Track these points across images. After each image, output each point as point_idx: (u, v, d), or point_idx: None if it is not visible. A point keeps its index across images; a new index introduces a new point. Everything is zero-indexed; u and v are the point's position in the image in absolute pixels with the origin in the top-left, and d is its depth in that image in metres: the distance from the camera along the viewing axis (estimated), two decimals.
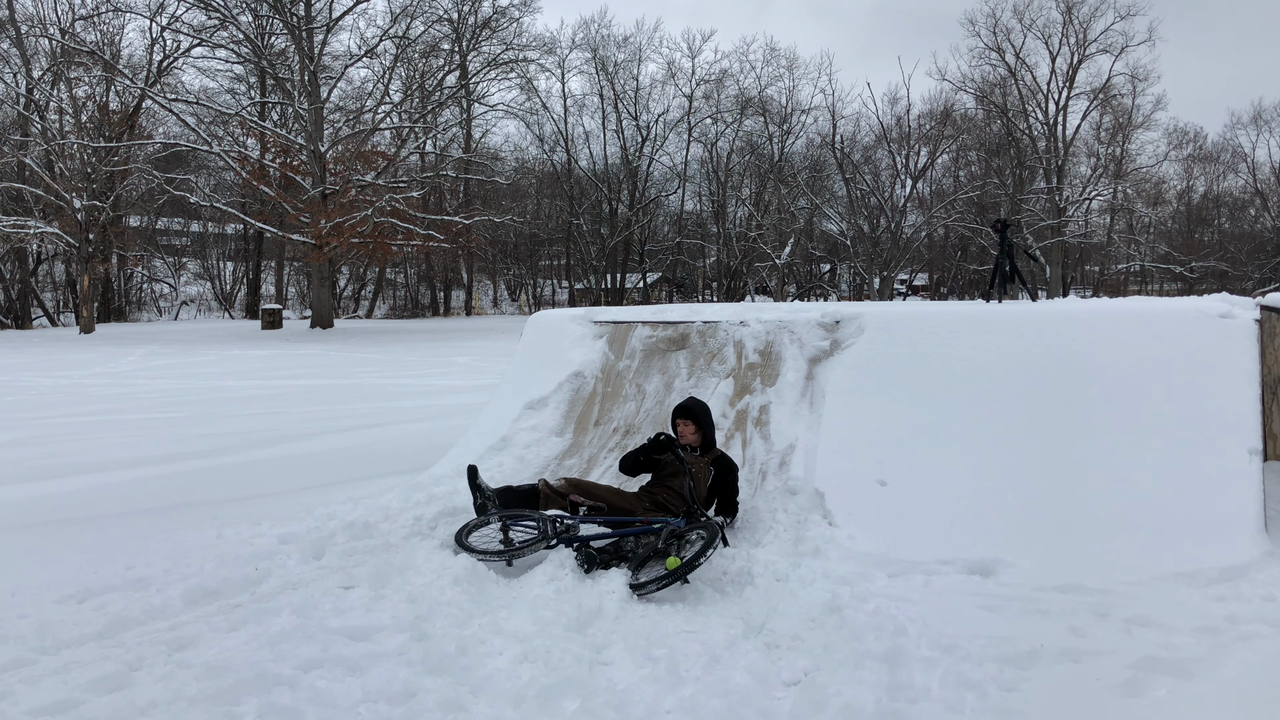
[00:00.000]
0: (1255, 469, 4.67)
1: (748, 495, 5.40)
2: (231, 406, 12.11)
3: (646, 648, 3.68)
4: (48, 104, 35.51)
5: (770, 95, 48.39)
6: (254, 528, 5.32)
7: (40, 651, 3.60)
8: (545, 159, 50.16)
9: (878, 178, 47.05)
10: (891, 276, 45.30)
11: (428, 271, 50.78)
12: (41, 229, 31.27)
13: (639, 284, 51.89)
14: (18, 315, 38.06)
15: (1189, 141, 52.35)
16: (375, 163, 36.03)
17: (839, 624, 3.84)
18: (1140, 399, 5.03)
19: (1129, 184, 48.92)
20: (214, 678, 3.33)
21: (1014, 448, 5.06)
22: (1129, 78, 45.70)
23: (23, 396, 13.42)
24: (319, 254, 32.00)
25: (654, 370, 6.69)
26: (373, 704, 3.20)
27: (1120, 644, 3.56)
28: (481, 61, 41.96)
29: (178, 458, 8.10)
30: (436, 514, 5.49)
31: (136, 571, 4.52)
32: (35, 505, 6.24)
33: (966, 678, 3.31)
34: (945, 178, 50.39)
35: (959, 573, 4.39)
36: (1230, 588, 4.07)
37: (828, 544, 4.73)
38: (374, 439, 9.09)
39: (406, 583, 4.35)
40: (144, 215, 44.10)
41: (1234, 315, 5.21)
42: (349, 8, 34.86)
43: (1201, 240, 52.37)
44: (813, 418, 5.69)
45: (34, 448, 8.75)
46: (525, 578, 4.46)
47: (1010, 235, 7.65)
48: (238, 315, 47.18)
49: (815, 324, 6.25)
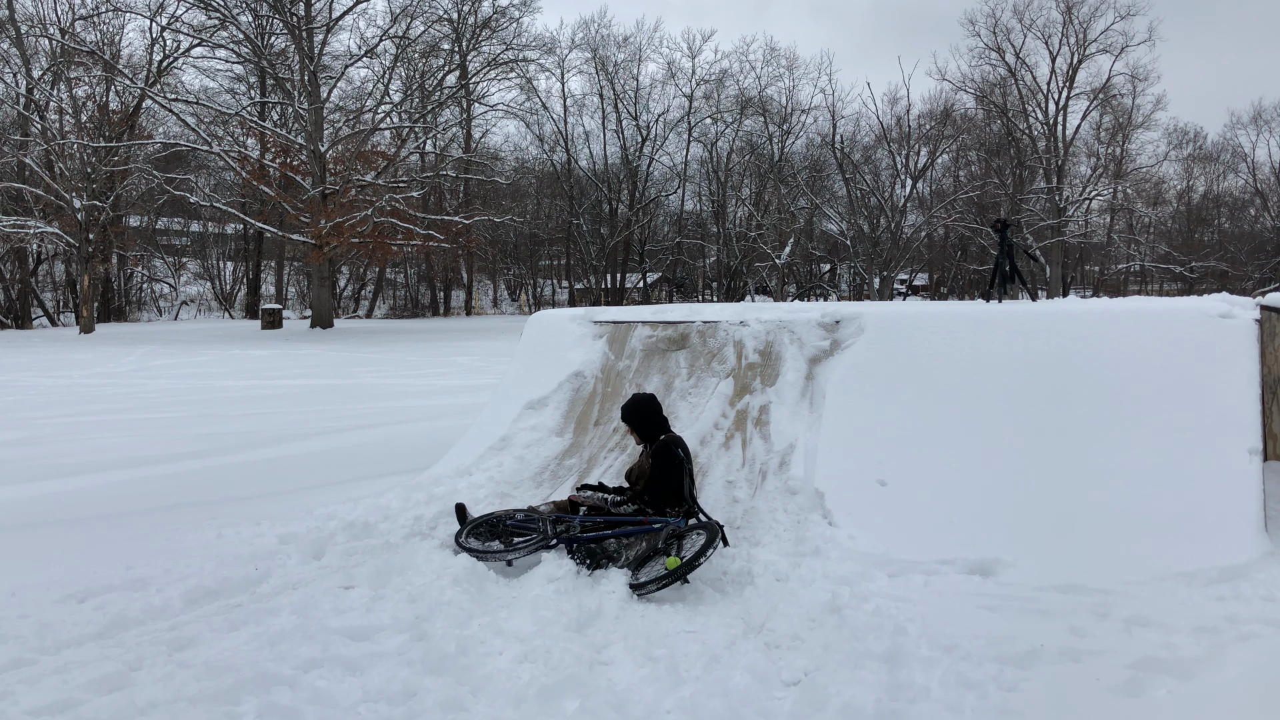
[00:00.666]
0: (1255, 469, 4.67)
1: (747, 495, 5.39)
2: (231, 406, 12.11)
3: (646, 648, 3.69)
4: (48, 104, 35.51)
5: (770, 95, 48.42)
6: (254, 528, 5.32)
7: (40, 651, 3.61)
8: (545, 159, 50.17)
9: (878, 178, 47.05)
10: (891, 276, 45.30)
11: (428, 271, 50.78)
12: (41, 229, 31.27)
13: (639, 284, 51.88)
14: (18, 315, 38.06)
15: (1189, 141, 52.39)
16: (375, 163, 36.02)
17: (839, 624, 3.84)
18: (1140, 399, 5.03)
19: (1129, 184, 48.91)
20: (214, 677, 3.33)
21: (1014, 448, 5.06)
22: (1129, 78, 45.71)
23: (23, 396, 13.42)
24: (319, 254, 31.99)
25: (654, 370, 6.69)
26: (373, 704, 3.20)
27: (1120, 644, 3.56)
28: (481, 61, 41.98)
29: (178, 458, 8.10)
30: (436, 514, 5.49)
31: (136, 571, 4.53)
32: (35, 505, 6.24)
33: (966, 678, 3.31)
34: (945, 178, 50.41)
35: (959, 572, 4.40)
36: (1230, 588, 4.07)
37: (828, 544, 4.73)
38: (374, 439, 9.09)
39: (406, 583, 4.35)
40: (144, 215, 44.08)
41: (1234, 315, 5.21)
42: (349, 8, 34.86)
43: (1201, 240, 52.36)
44: (813, 417, 5.69)
45: (34, 448, 8.75)
46: (525, 578, 4.46)
47: (1010, 235, 7.65)
48: (238, 315, 47.17)
49: (815, 324, 6.25)
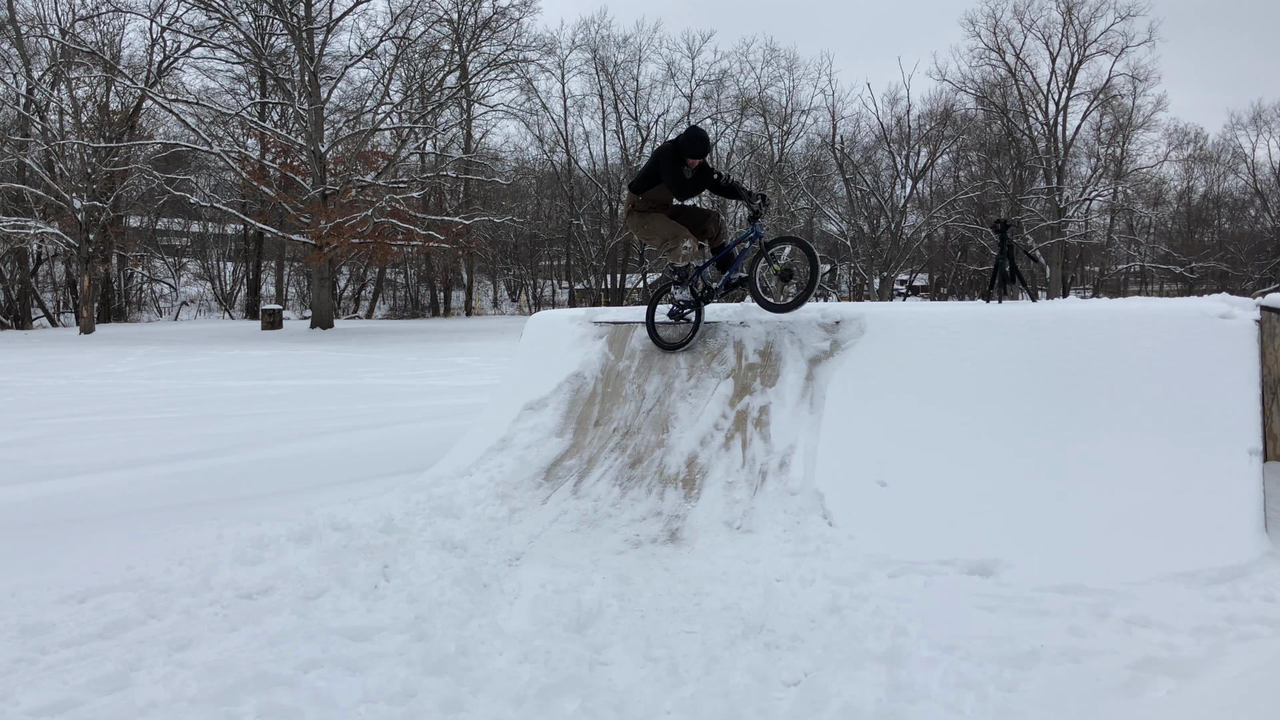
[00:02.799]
0: (1255, 469, 4.67)
1: (747, 496, 5.40)
2: (231, 407, 12.12)
3: (646, 648, 3.69)
4: (48, 104, 35.52)
5: (770, 96, 48.42)
6: (254, 528, 5.32)
7: (40, 651, 3.61)
8: (545, 159, 50.18)
9: (878, 178, 47.07)
10: (891, 277, 45.32)
11: (428, 272, 50.79)
12: (42, 229, 31.29)
13: (639, 284, 51.91)
14: (18, 315, 38.06)
15: (1189, 142, 52.35)
16: (375, 163, 36.04)
17: (839, 624, 3.84)
18: (1140, 399, 5.03)
19: (1129, 184, 48.91)
20: (214, 678, 3.33)
21: (1014, 448, 5.06)
22: (1129, 78, 45.74)
23: (23, 397, 13.42)
24: (319, 254, 32.00)
25: (654, 371, 6.69)
26: (372, 704, 3.20)
27: (1120, 644, 3.56)
28: (481, 62, 41.94)
29: (178, 458, 8.10)
30: (437, 514, 5.49)
31: (136, 571, 4.53)
32: (35, 505, 6.24)
33: (966, 678, 3.31)
34: (945, 178, 50.42)
35: (959, 573, 4.39)
36: (1230, 588, 4.07)
37: (828, 544, 4.73)
38: (374, 439, 9.09)
39: (406, 583, 4.35)
40: (144, 215, 44.09)
41: (1234, 316, 5.21)
42: (349, 8, 34.88)
43: (1201, 241, 52.36)
44: (813, 418, 5.69)
45: (34, 448, 8.75)
46: (525, 577, 4.46)
47: (1010, 236, 7.66)
48: (238, 316, 47.18)
49: (815, 324, 6.26)
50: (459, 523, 5.45)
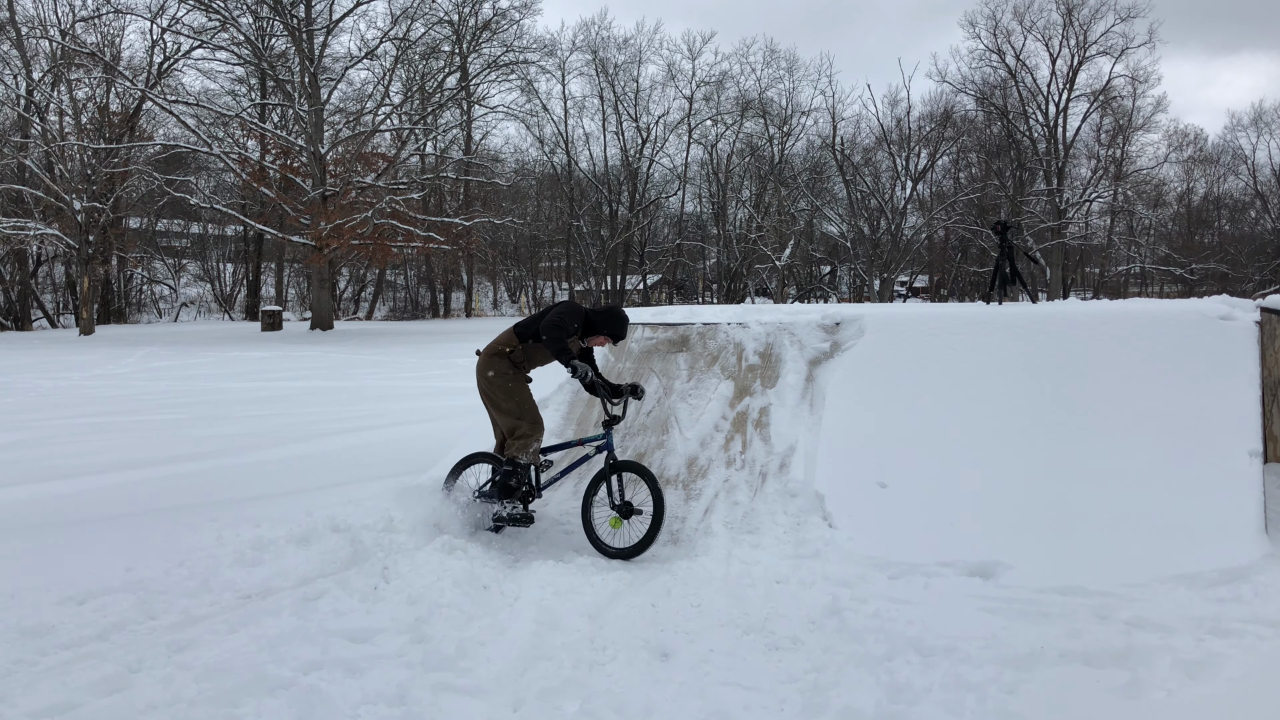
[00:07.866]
0: (1255, 471, 4.67)
1: (747, 497, 5.39)
2: (231, 408, 12.11)
3: (646, 649, 3.68)
4: (48, 105, 35.52)
5: (770, 97, 48.34)
6: (254, 529, 5.31)
7: (40, 653, 3.60)
8: (545, 161, 50.11)
9: (878, 179, 47.04)
10: (892, 278, 45.32)
11: (428, 273, 50.75)
12: (41, 230, 31.27)
13: (639, 286, 51.88)
14: (18, 317, 38.04)
15: (1189, 143, 52.32)
16: (375, 164, 36.00)
17: (839, 626, 3.84)
18: (1140, 401, 5.04)
19: (1129, 186, 48.89)
20: (214, 679, 3.33)
21: (1014, 450, 5.06)
22: (1129, 80, 45.73)
23: (23, 398, 13.42)
24: (319, 256, 31.97)
25: (654, 372, 6.69)
26: (372, 706, 3.20)
27: (1120, 646, 3.56)
28: (482, 63, 41.90)
29: (178, 459, 8.09)
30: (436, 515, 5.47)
31: (136, 573, 4.52)
32: (35, 507, 6.24)
33: (966, 680, 3.30)
34: (945, 179, 50.37)
35: (959, 574, 4.39)
36: (1230, 590, 4.07)
37: (828, 546, 4.73)
38: (374, 441, 9.09)
39: (406, 585, 4.35)
40: (144, 217, 44.06)
41: (1234, 317, 5.22)
42: (349, 9, 34.86)
43: (1202, 242, 52.33)
44: (813, 420, 5.69)
45: (34, 449, 8.75)
46: (525, 578, 4.46)
47: (1010, 237, 7.66)
48: (237, 317, 47.16)
49: (815, 326, 6.26)
50: (459, 523, 5.44)
